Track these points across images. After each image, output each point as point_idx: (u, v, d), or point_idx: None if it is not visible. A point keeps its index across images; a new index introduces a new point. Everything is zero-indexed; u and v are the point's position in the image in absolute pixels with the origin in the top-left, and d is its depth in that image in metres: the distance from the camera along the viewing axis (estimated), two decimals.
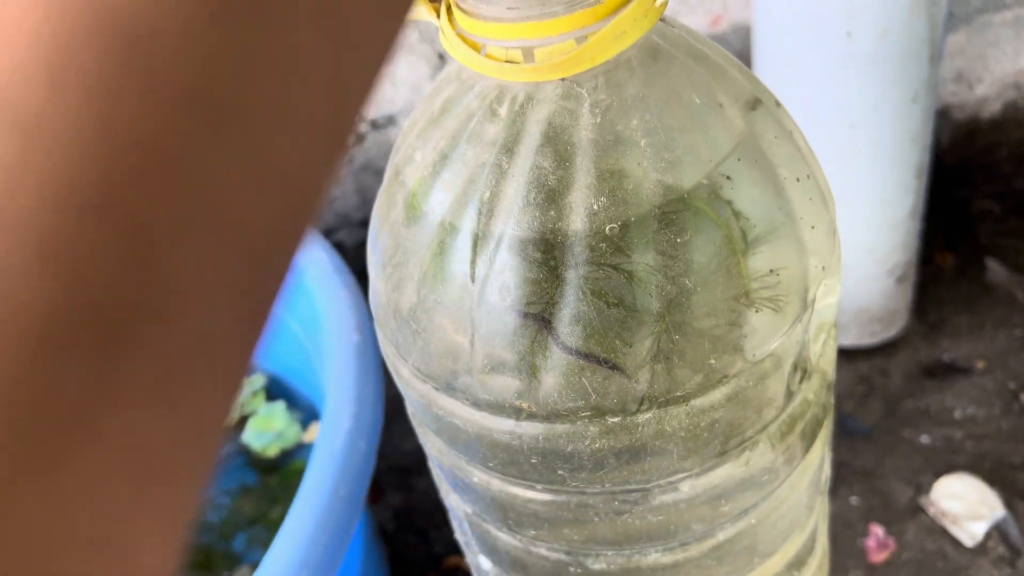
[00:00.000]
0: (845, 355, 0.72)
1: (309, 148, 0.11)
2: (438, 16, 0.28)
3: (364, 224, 0.89)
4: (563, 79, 0.26)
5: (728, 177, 0.27)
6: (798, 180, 0.29)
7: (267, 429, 0.64)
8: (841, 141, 0.61)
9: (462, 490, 0.35)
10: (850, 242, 0.60)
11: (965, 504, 0.61)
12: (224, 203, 0.10)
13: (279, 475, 0.63)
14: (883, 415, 0.68)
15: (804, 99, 0.60)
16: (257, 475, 0.64)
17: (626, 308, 0.27)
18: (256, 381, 0.67)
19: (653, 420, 0.28)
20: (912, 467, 0.65)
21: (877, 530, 0.61)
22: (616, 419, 0.28)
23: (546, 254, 0.26)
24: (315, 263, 0.54)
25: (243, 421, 0.65)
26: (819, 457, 0.36)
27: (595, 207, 0.26)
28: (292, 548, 0.38)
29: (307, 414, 0.65)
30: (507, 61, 0.26)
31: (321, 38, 0.11)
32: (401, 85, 0.80)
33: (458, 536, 0.42)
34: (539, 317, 0.27)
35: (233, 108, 0.10)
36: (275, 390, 0.68)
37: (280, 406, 0.65)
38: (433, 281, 0.28)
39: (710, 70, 0.28)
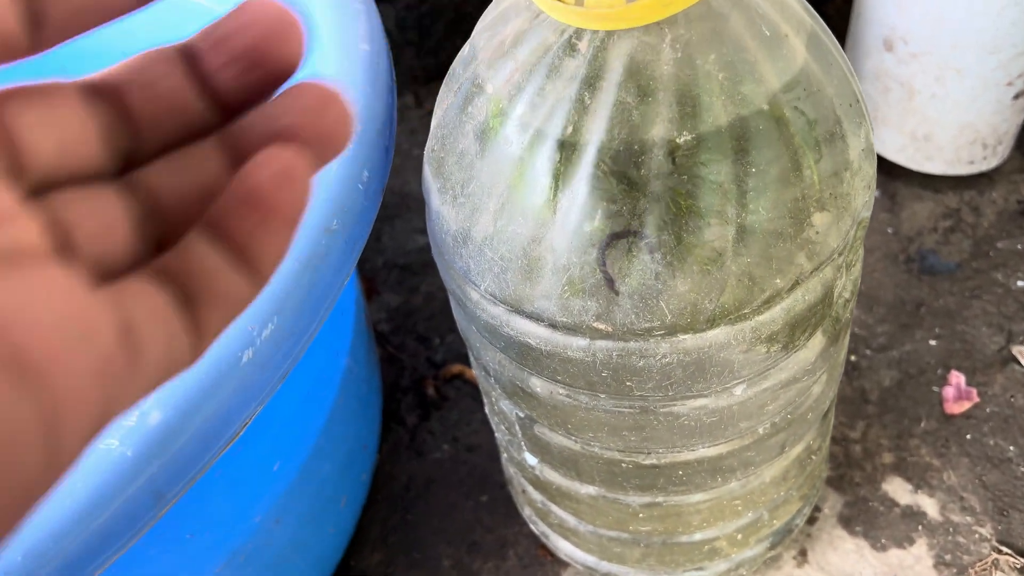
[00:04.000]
0: (931, 183, 0.66)
1: None
2: None
3: None
4: None
5: (795, 105, 0.29)
6: (850, 106, 0.31)
7: None
8: None
9: (520, 398, 0.37)
10: (969, 43, 0.57)
11: None
12: None
13: None
14: (971, 254, 0.62)
15: None
16: None
17: (705, 230, 0.28)
18: None
19: (721, 335, 0.30)
20: (1004, 312, 0.58)
21: (958, 378, 0.56)
22: (687, 335, 0.30)
23: (629, 185, 0.28)
24: None
25: None
26: (844, 353, 0.39)
27: (679, 140, 0.27)
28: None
29: None
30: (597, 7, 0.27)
31: None
32: None
33: (498, 436, 0.45)
34: (621, 243, 0.29)
35: None
36: None
37: None
38: (512, 212, 0.30)
39: (772, 1, 0.29)
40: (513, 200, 0.30)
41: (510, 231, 0.30)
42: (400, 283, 0.68)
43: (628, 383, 0.32)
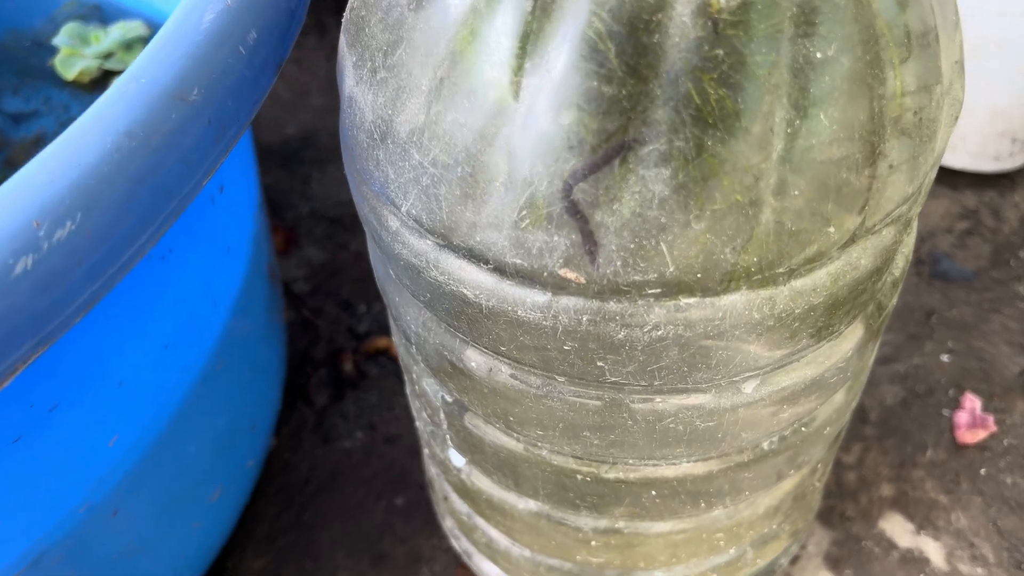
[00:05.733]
0: (947, 178, 0.59)
1: None
2: None
3: None
4: None
5: None
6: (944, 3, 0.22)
7: None
8: None
9: (447, 376, 0.27)
10: (1018, 9, 0.49)
11: None
12: None
13: None
14: (991, 262, 0.55)
15: None
16: None
17: (741, 138, 0.19)
18: (132, 29, 0.44)
19: (740, 303, 0.21)
20: None
21: (973, 402, 0.48)
22: (692, 299, 0.21)
23: (631, 57, 0.18)
24: None
25: (104, 79, 0.44)
26: (874, 356, 0.30)
27: None
28: (67, 152, 0.20)
29: None
30: None
31: None
32: None
33: (419, 425, 0.35)
34: (612, 147, 0.19)
35: None
36: None
37: None
38: (454, 92, 0.20)
39: None
40: (457, 74, 0.20)
41: (449, 121, 0.20)
42: (327, 238, 0.57)
43: (599, 363, 0.23)
